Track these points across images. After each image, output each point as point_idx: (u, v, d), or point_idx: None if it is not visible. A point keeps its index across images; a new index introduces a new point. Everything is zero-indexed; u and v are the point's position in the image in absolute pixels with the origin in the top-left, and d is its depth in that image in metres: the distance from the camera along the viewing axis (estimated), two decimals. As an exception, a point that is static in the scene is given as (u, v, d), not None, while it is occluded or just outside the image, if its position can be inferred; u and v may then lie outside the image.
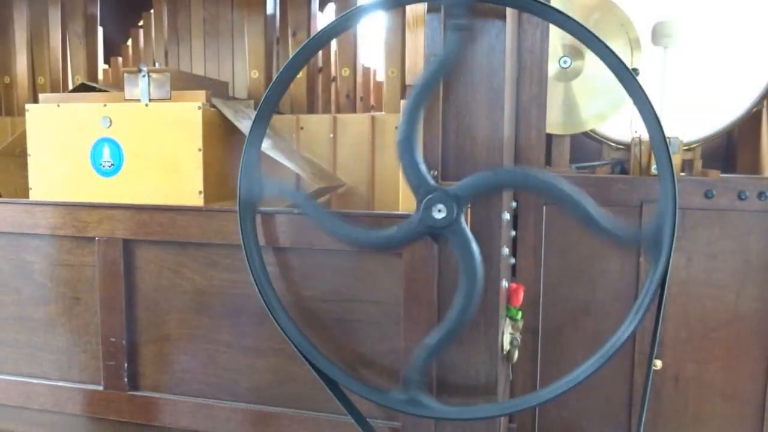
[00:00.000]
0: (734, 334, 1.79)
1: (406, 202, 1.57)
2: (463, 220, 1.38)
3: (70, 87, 2.30)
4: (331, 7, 2.15)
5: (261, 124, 1.45)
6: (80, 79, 2.27)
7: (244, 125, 1.72)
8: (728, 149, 2.17)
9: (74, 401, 1.81)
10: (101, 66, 2.44)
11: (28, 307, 1.82)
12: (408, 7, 1.63)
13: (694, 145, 1.96)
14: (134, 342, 1.74)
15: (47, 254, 1.78)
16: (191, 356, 1.71)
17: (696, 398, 1.84)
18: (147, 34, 2.31)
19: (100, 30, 2.39)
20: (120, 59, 2.35)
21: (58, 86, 2.31)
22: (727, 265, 1.79)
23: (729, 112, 1.97)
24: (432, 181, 1.37)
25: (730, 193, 1.76)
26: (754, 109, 1.96)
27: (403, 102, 1.63)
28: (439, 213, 1.37)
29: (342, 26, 1.44)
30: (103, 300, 1.73)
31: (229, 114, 1.69)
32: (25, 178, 1.93)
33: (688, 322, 1.81)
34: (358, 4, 2.06)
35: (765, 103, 1.96)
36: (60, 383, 1.82)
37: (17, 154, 2.00)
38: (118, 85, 2.35)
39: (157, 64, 2.13)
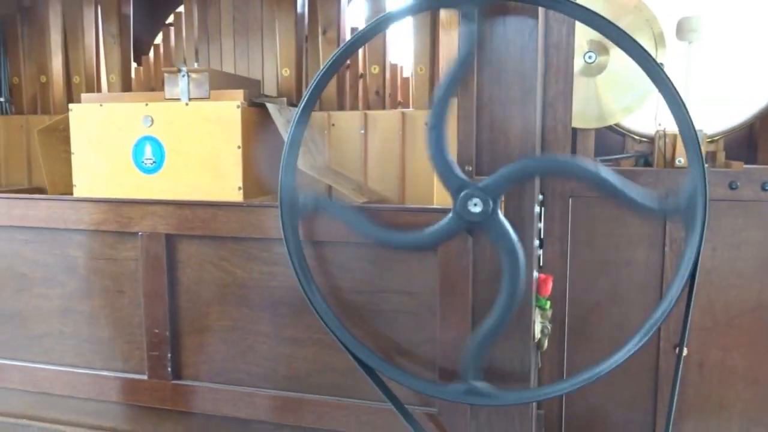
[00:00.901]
0: (757, 321, 1.84)
1: (440, 196, 1.62)
2: (499, 211, 1.44)
3: (105, 85, 2.36)
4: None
5: (300, 127, 1.50)
6: (115, 79, 2.33)
7: (284, 124, 1.77)
8: (750, 141, 2.21)
9: (118, 390, 1.88)
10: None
11: (73, 300, 1.89)
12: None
13: (717, 137, 2.00)
14: (177, 333, 1.81)
15: (91, 249, 1.84)
16: (232, 346, 1.78)
17: (720, 384, 1.89)
18: (178, 33, 2.36)
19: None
20: (151, 58, 2.41)
21: (92, 85, 2.37)
22: (750, 254, 1.83)
23: (750, 105, 2.01)
24: (465, 177, 1.43)
25: (753, 184, 1.80)
26: (776, 102, 1.99)
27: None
28: (476, 207, 1.43)
29: (373, 32, 1.49)
30: (146, 293, 1.79)
31: (274, 114, 1.75)
32: (67, 152, 1.97)
33: (712, 310, 1.85)
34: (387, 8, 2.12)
35: (787, 95, 1.99)
36: (104, 373, 1.89)
37: (61, 129, 2.06)
38: (148, 84, 2.43)
39: (195, 64, 2.18)
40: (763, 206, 1.81)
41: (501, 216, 1.43)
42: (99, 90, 2.38)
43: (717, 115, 2.00)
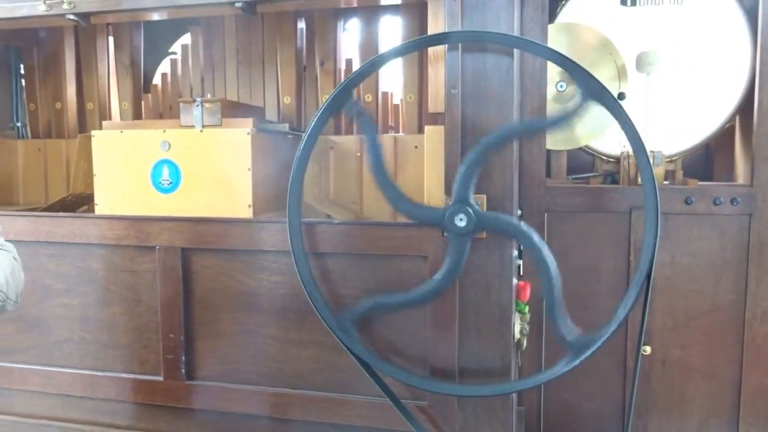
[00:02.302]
0: (713, 322, 2.05)
1: (430, 201, 1.82)
2: (472, 236, 1.65)
3: (116, 112, 2.55)
4: (354, 22, 2.40)
5: (306, 153, 1.70)
6: (127, 106, 2.52)
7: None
8: (706, 160, 2.44)
9: (136, 391, 2.05)
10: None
11: (94, 309, 2.06)
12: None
13: (676, 158, 2.22)
14: (191, 337, 1.99)
15: (111, 261, 2.02)
16: (242, 349, 1.96)
17: (681, 379, 2.10)
18: (184, 63, 2.56)
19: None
20: (159, 86, 2.60)
21: (104, 111, 2.56)
22: (705, 262, 2.05)
23: (706, 128, 2.23)
24: (472, 200, 1.64)
25: (706, 200, 2.03)
26: (728, 125, 2.22)
27: (428, 128, 1.90)
28: (460, 222, 1.64)
29: (369, 71, 1.71)
30: (163, 301, 1.97)
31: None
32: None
33: (672, 312, 2.07)
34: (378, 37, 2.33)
35: (737, 119, 2.23)
36: (122, 375, 2.06)
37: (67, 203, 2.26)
38: (156, 110, 2.61)
39: (206, 93, 2.37)
40: (715, 219, 2.03)
41: (468, 243, 1.65)
42: (110, 116, 2.56)
43: (675, 137, 2.22)
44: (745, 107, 2.15)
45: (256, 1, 1.85)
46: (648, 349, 2.09)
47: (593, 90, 1.58)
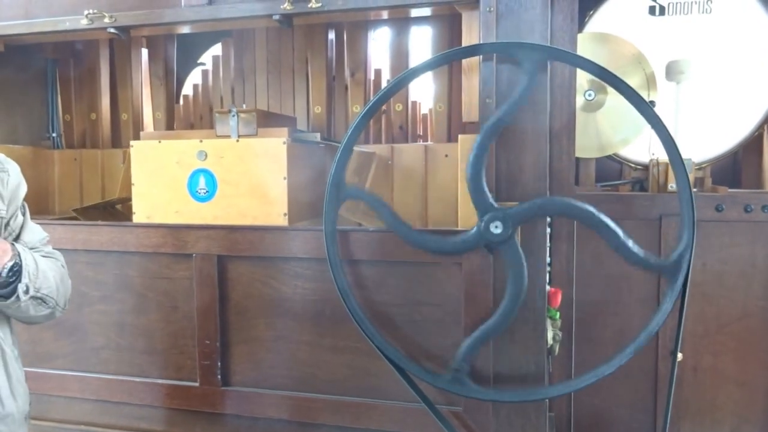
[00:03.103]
0: (744, 328, 2.06)
1: (464, 219, 1.85)
2: (515, 236, 1.67)
3: (151, 123, 2.60)
4: (384, 31, 2.44)
5: (342, 164, 1.73)
6: (161, 116, 2.57)
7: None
8: (734, 168, 2.45)
9: (172, 396, 2.08)
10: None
11: (130, 315, 2.10)
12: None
13: (705, 165, 2.23)
14: (227, 343, 2.02)
15: (148, 269, 2.06)
16: (276, 355, 1.99)
17: (712, 386, 2.10)
18: (215, 73, 2.61)
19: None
20: (191, 97, 2.65)
21: (138, 122, 2.61)
22: (736, 269, 2.06)
23: (734, 136, 2.24)
24: (493, 202, 1.66)
25: (737, 207, 2.04)
26: (756, 133, 2.23)
27: (462, 136, 1.93)
28: (497, 229, 1.66)
29: (400, 85, 1.75)
30: (199, 308, 2.01)
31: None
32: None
33: (704, 319, 2.07)
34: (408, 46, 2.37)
35: (765, 127, 2.24)
36: (159, 381, 2.09)
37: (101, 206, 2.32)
38: (188, 120, 2.67)
39: (243, 105, 2.42)
40: (746, 226, 2.04)
41: (516, 240, 1.67)
42: (143, 127, 2.62)
43: (704, 145, 2.24)
44: (774, 115, 2.16)
45: (292, 14, 1.89)
46: (680, 356, 2.09)
47: (635, 102, 1.61)
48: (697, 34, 2.21)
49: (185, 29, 2.28)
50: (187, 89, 2.78)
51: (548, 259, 1.89)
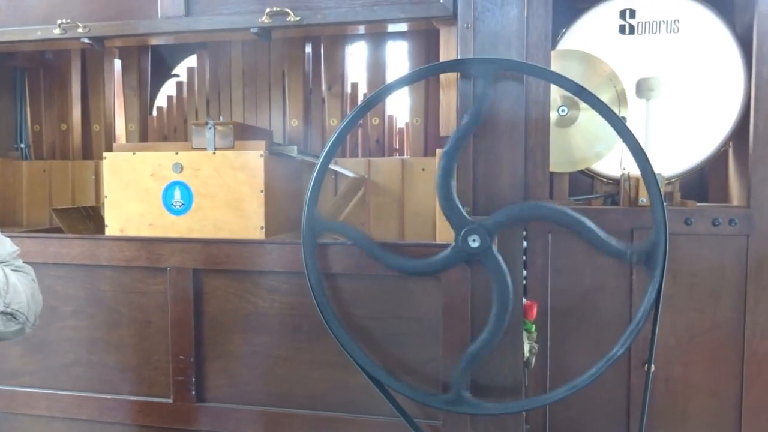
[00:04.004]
0: (714, 339, 2.10)
1: (442, 232, 1.86)
2: (494, 246, 1.69)
3: (124, 135, 2.57)
4: (361, 45, 2.45)
5: (320, 177, 1.73)
6: (134, 127, 2.54)
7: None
8: (702, 182, 2.52)
9: (144, 413, 2.04)
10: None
11: (102, 331, 2.06)
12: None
13: (674, 180, 2.29)
14: (202, 359, 1.99)
15: (121, 283, 2.02)
16: (253, 370, 1.97)
17: (683, 396, 2.14)
18: (190, 85, 2.58)
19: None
20: (165, 109, 2.63)
21: (110, 133, 2.57)
22: (705, 281, 2.10)
23: (701, 152, 2.30)
24: (467, 216, 1.68)
25: (706, 221, 2.09)
26: (722, 149, 2.30)
27: (439, 151, 1.95)
28: (474, 242, 1.68)
29: (376, 100, 1.78)
30: (173, 322, 1.98)
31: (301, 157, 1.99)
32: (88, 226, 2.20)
33: (675, 330, 2.11)
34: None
35: (730, 143, 2.31)
36: (131, 397, 2.05)
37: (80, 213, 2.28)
38: (162, 132, 2.64)
39: (221, 117, 2.40)
40: (714, 239, 2.09)
41: (495, 250, 1.68)
42: (115, 138, 2.58)
43: (673, 160, 2.29)
44: (739, 132, 2.22)
45: (270, 27, 1.89)
46: (652, 368, 2.12)
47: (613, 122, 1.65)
48: (666, 53, 2.27)
49: (161, 41, 2.26)
50: (161, 101, 2.75)
51: (524, 272, 1.91)
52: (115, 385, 2.07)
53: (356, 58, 2.49)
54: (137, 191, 2.00)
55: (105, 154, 2.01)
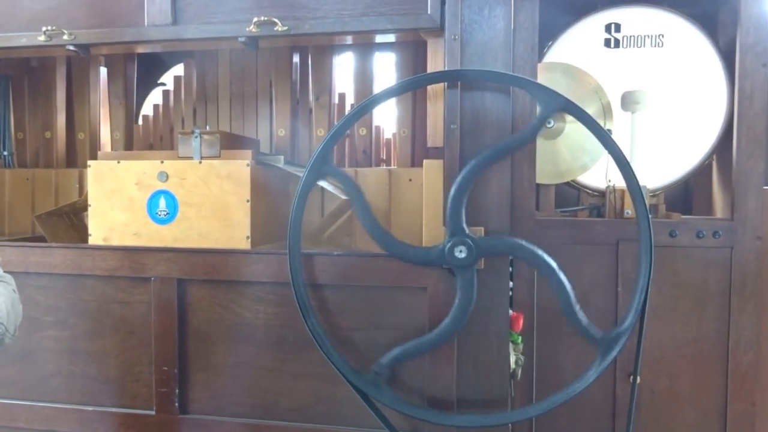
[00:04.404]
0: (699, 351, 2.11)
1: (428, 243, 1.86)
2: (475, 267, 1.69)
3: (109, 143, 2.55)
4: (348, 55, 2.45)
5: (308, 186, 1.73)
6: (119, 136, 2.52)
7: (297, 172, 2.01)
8: (686, 195, 2.54)
9: (126, 426, 2.01)
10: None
11: (84, 341, 2.03)
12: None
13: (659, 192, 2.31)
14: (185, 370, 1.96)
15: (104, 293, 2.00)
16: (237, 381, 1.94)
17: (669, 408, 2.15)
18: (177, 94, 2.57)
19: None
20: (151, 117, 2.61)
21: (95, 141, 2.55)
22: (689, 293, 2.12)
23: (686, 164, 2.32)
24: (466, 228, 1.68)
25: (690, 233, 2.10)
26: (706, 162, 2.32)
27: (429, 162, 1.96)
28: (461, 254, 1.68)
29: (363, 112, 1.78)
30: (156, 333, 1.95)
31: (290, 169, 1.98)
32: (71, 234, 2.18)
33: (660, 342, 2.12)
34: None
35: (714, 156, 2.33)
36: (113, 409, 2.02)
37: (61, 213, 2.24)
38: (147, 141, 2.62)
39: (207, 126, 2.39)
40: (698, 251, 2.10)
41: (475, 273, 1.69)
42: (100, 147, 2.56)
43: (658, 173, 2.31)
44: (722, 145, 2.25)
45: (258, 37, 1.89)
46: (638, 379, 2.13)
47: (601, 137, 1.66)
48: (650, 67, 2.30)
49: (148, 49, 2.25)
50: (147, 109, 2.73)
51: (510, 284, 1.91)
52: (96, 397, 2.03)
53: (344, 68, 2.49)
54: (122, 200, 1.98)
55: (89, 162, 1.99)
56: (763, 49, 2.04)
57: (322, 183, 2.01)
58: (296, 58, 2.41)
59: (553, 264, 1.68)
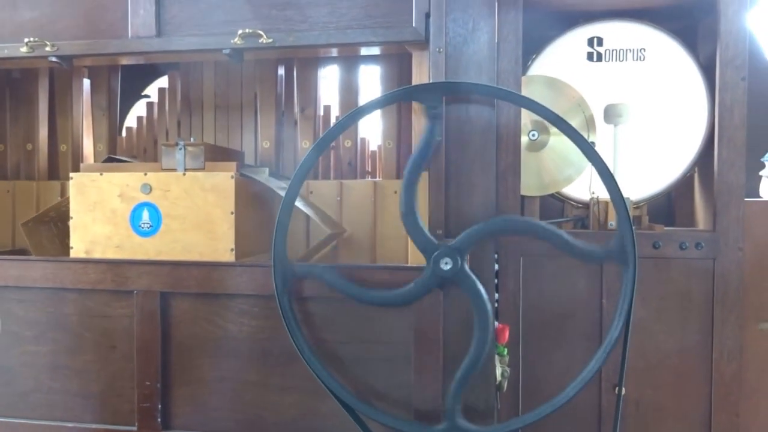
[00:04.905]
0: (682, 362, 2.12)
1: (415, 255, 1.85)
2: (466, 266, 1.69)
3: (92, 155, 2.52)
4: (333, 68, 2.45)
5: (291, 198, 1.72)
6: (102, 148, 2.50)
7: (278, 189, 2.00)
8: (668, 207, 2.56)
9: (107, 442, 1.97)
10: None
11: (64, 356, 1.99)
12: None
13: (642, 204, 2.33)
14: (168, 385, 1.93)
15: (85, 307, 1.97)
16: (221, 396, 1.92)
17: (654, 420, 2.15)
18: (161, 106, 2.56)
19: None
20: (134, 129, 2.59)
21: (78, 153, 2.52)
22: (673, 304, 2.13)
23: (668, 176, 2.35)
24: (435, 240, 1.68)
25: (673, 244, 2.12)
26: (688, 174, 2.35)
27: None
28: (446, 265, 1.68)
29: (348, 123, 1.78)
30: (139, 347, 1.92)
31: (270, 183, 1.97)
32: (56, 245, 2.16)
33: (644, 354, 2.13)
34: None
35: (696, 168, 2.36)
36: (93, 426, 1.98)
37: (48, 220, 2.21)
38: (130, 153, 2.60)
39: (192, 138, 2.37)
40: (681, 263, 2.12)
41: (468, 269, 1.68)
42: (83, 158, 2.53)
43: (640, 185, 2.33)
44: (704, 157, 2.27)
45: (243, 49, 1.88)
46: (622, 391, 2.13)
47: (585, 149, 1.67)
48: (633, 80, 2.33)
49: (132, 60, 2.23)
50: (130, 121, 2.72)
51: (496, 296, 1.91)
52: (77, 413, 1.99)
53: (329, 81, 2.50)
54: (104, 212, 1.96)
55: (71, 174, 1.97)
56: (742, 63, 2.07)
57: (308, 210, 2.00)
58: (281, 71, 2.41)
59: (529, 219, 1.69)
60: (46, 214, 2.20)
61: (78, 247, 1.99)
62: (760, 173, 2.33)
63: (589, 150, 1.69)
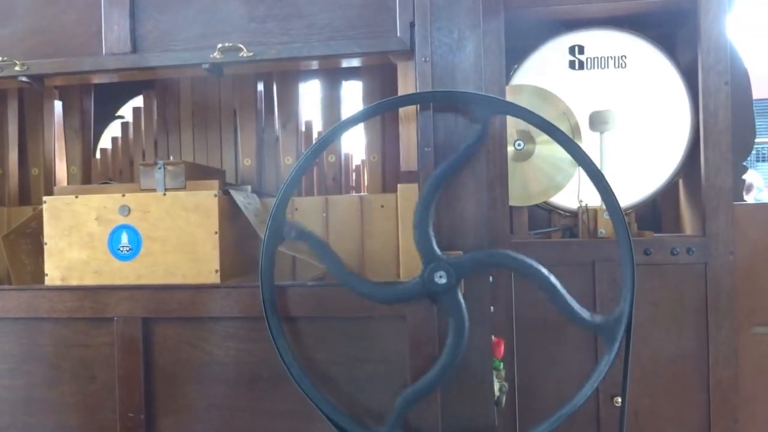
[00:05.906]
0: (678, 368, 2.10)
1: (406, 270, 1.81)
2: (459, 288, 1.64)
3: (65, 178, 2.43)
4: (314, 83, 2.41)
5: (278, 217, 1.67)
6: (76, 170, 2.41)
7: (251, 213, 1.94)
8: (654, 213, 2.56)
9: (88, 479, 1.87)
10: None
11: (40, 389, 1.89)
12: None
13: (629, 211, 2.32)
14: (152, 415, 1.84)
15: (62, 336, 1.87)
16: (209, 424, 1.83)
17: (653, 429, 2.12)
18: (136, 126, 2.49)
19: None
20: (110, 150, 2.51)
21: (50, 177, 2.43)
22: (666, 310, 2.12)
23: (653, 183, 2.35)
24: (439, 252, 1.63)
25: (664, 250, 2.11)
26: (673, 180, 2.35)
27: (404, 186, 1.92)
28: (441, 279, 1.63)
29: (331, 138, 1.75)
30: (120, 377, 1.83)
31: (242, 205, 1.91)
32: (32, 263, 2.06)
33: (640, 362, 2.10)
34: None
35: (681, 174, 2.36)
36: (72, 462, 1.88)
37: (28, 232, 2.11)
38: (106, 174, 2.51)
39: (171, 157, 2.30)
40: (673, 268, 2.11)
41: (459, 291, 1.64)
42: (56, 182, 2.44)
43: (627, 192, 2.32)
44: (688, 163, 2.28)
45: (222, 63, 1.83)
46: (619, 400, 2.10)
47: (579, 157, 1.65)
48: (615, 88, 2.33)
49: (105, 79, 2.16)
50: (105, 143, 2.64)
51: (492, 310, 1.86)
52: (55, 450, 1.89)
53: (310, 96, 2.45)
54: (80, 237, 1.88)
55: (45, 198, 1.88)
56: (725, 68, 2.09)
57: (287, 251, 1.95)
58: (261, 86, 2.36)
59: (533, 263, 1.63)
60: (27, 225, 2.10)
61: (53, 275, 1.89)
62: (743, 177, 2.34)
63: (589, 166, 1.66)
